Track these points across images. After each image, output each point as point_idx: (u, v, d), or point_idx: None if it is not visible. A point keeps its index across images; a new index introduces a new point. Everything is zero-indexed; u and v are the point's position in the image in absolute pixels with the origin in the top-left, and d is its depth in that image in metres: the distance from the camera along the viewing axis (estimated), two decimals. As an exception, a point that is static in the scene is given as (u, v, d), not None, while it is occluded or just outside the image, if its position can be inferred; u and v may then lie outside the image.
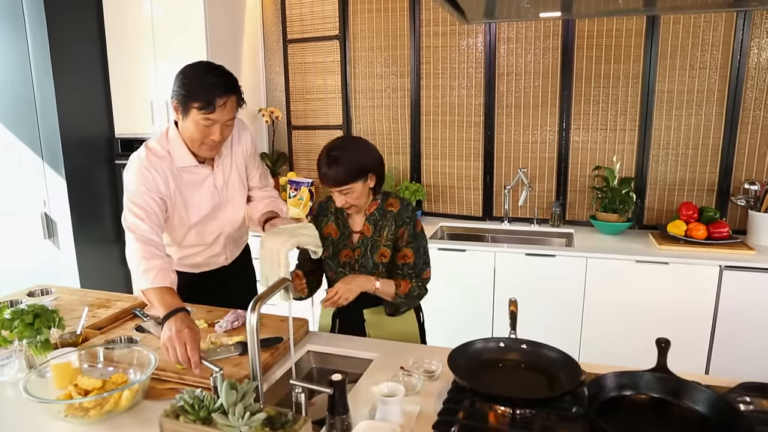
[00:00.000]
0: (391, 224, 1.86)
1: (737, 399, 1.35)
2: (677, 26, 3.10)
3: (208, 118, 1.70)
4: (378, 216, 1.87)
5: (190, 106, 1.70)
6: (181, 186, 1.87)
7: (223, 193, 1.98)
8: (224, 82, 1.71)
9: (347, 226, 1.91)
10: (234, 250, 2.17)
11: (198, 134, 1.75)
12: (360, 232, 1.90)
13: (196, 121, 1.72)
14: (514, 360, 1.54)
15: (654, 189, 3.33)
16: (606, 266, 2.91)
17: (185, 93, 1.70)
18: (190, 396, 1.21)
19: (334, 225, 1.92)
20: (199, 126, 1.73)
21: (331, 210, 1.93)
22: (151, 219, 1.76)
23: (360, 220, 1.90)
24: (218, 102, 1.68)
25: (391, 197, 1.90)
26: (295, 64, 3.87)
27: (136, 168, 1.79)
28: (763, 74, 3.04)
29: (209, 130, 1.73)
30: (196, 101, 1.69)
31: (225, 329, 1.78)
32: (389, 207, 1.88)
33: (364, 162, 1.76)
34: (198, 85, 1.69)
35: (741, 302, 2.74)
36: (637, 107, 3.26)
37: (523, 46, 3.39)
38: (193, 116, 1.72)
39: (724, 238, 2.94)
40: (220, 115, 1.71)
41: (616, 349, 2.90)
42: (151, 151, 1.82)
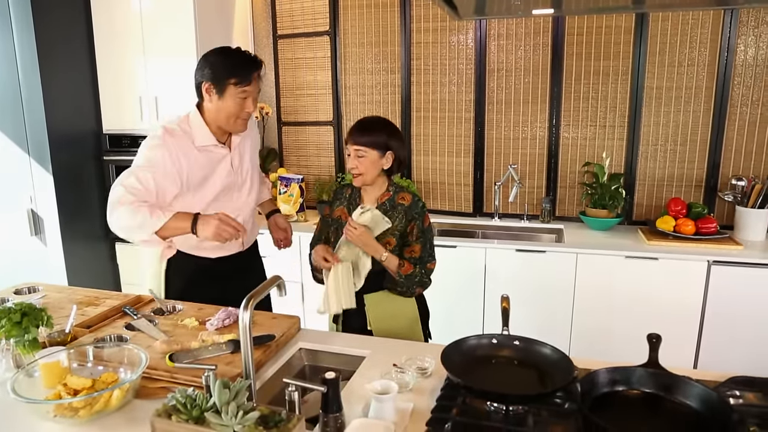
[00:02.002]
0: (401, 216, 1.95)
1: (727, 393, 1.37)
2: (665, 23, 3.12)
3: (244, 90, 1.89)
4: (388, 206, 1.96)
5: (227, 83, 1.88)
6: (199, 164, 1.97)
7: (239, 174, 2.10)
8: (252, 59, 1.94)
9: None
10: (250, 236, 2.24)
11: (235, 108, 1.91)
12: None
13: (233, 96, 1.89)
14: (507, 356, 1.54)
15: (643, 185, 3.35)
16: (596, 262, 2.93)
17: (223, 71, 1.88)
18: (183, 395, 1.20)
19: (345, 209, 2.02)
20: (236, 100, 1.90)
21: (345, 196, 2.04)
22: (140, 195, 1.84)
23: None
24: (253, 75, 1.91)
25: (404, 191, 1.99)
26: (286, 59, 3.85)
27: (149, 144, 1.91)
28: (749, 71, 3.07)
29: (245, 102, 1.91)
30: (234, 77, 1.87)
31: (216, 327, 1.76)
32: (400, 200, 1.97)
33: (391, 140, 1.90)
34: (233, 63, 1.90)
35: (729, 297, 2.77)
36: (626, 104, 3.28)
37: (513, 43, 3.39)
38: (230, 92, 1.89)
39: (712, 233, 2.96)
40: (254, 87, 1.92)
41: (607, 344, 2.92)
42: (168, 130, 1.93)
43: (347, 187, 2.06)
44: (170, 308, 1.95)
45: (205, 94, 1.93)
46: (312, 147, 3.94)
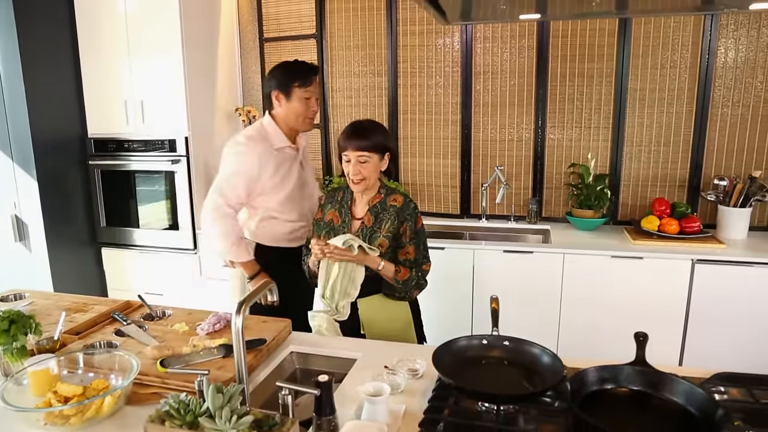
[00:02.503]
0: (393, 218, 1.96)
1: (712, 389, 1.40)
2: (648, 26, 3.17)
3: (307, 91, 2.19)
4: (380, 208, 1.97)
5: (293, 86, 2.18)
6: (278, 165, 2.25)
7: (306, 172, 2.40)
8: (310, 66, 2.24)
9: (348, 214, 2.00)
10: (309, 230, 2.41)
11: (302, 108, 2.21)
12: (361, 220, 1.98)
13: (299, 97, 2.19)
14: (497, 357, 1.56)
15: (628, 185, 3.40)
16: (582, 261, 2.96)
17: (287, 77, 2.19)
18: (176, 400, 1.20)
19: (336, 212, 2.02)
20: (302, 101, 2.20)
21: (337, 198, 2.05)
22: (232, 200, 2.21)
23: (362, 209, 1.99)
24: (313, 78, 2.20)
25: (395, 193, 2.01)
26: (272, 62, 3.84)
27: (234, 152, 2.21)
28: (730, 73, 3.13)
29: (309, 102, 2.21)
30: (297, 81, 2.18)
31: (207, 332, 1.76)
32: (392, 202, 1.98)
33: (388, 141, 1.97)
34: (294, 70, 2.21)
35: (712, 294, 2.82)
36: (611, 105, 3.32)
37: (499, 46, 3.42)
38: (295, 95, 2.19)
39: (696, 232, 3.01)
40: (315, 88, 2.22)
41: (594, 343, 2.95)
42: (250, 137, 2.22)
43: (339, 190, 2.07)
44: (160, 313, 1.95)
45: (275, 101, 2.23)
46: (299, 150, 3.94)
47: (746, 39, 3.08)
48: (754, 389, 1.43)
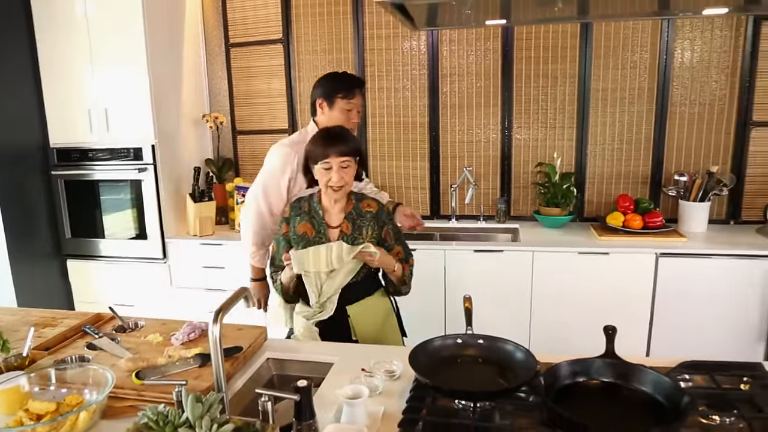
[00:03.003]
0: (372, 224, 1.97)
1: (678, 378, 1.45)
2: (608, 28, 3.26)
3: (349, 103, 2.25)
4: (356, 215, 1.97)
5: (336, 96, 2.24)
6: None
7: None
8: (356, 79, 2.32)
9: (323, 224, 1.96)
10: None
11: (342, 118, 2.25)
12: (338, 228, 1.96)
13: (341, 108, 2.25)
14: (472, 355, 1.59)
15: (593, 183, 3.49)
16: (551, 259, 3.03)
17: (332, 87, 2.26)
18: (154, 412, 1.19)
19: (308, 224, 1.96)
20: (343, 111, 2.25)
21: (304, 209, 1.99)
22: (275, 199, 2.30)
23: (337, 218, 1.97)
24: (356, 91, 2.27)
25: (366, 199, 2.01)
26: (239, 68, 3.82)
27: (278, 151, 2.30)
28: (687, 73, 3.24)
29: (350, 114, 2.27)
30: (341, 92, 2.24)
31: (182, 342, 1.75)
32: (367, 208, 1.99)
33: (358, 146, 1.98)
34: (340, 81, 2.28)
35: (676, 286, 2.92)
36: (575, 105, 3.40)
37: (464, 48, 3.47)
38: (338, 105, 2.25)
39: (659, 227, 3.11)
40: (357, 100, 2.28)
41: (565, 337, 3.01)
42: (293, 140, 2.32)
43: (302, 200, 2.02)
44: (132, 325, 1.92)
45: (318, 109, 2.30)
46: (268, 155, 3.93)
47: (701, 40, 3.19)
48: (717, 375, 1.49)
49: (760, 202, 3.29)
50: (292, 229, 1.98)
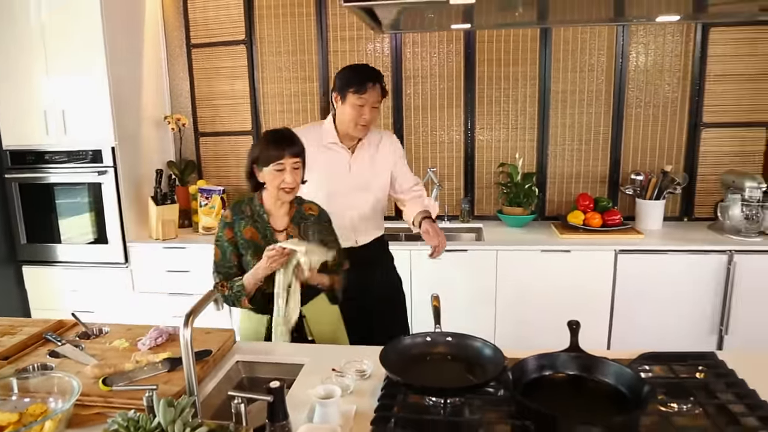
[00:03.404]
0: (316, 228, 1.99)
1: (639, 368, 1.51)
2: (567, 33, 3.35)
3: (361, 97, 2.15)
4: (299, 218, 1.99)
5: (348, 91, 2.17)
6: (323, 158, 2.26)
7: (357, 177, 2.32)
8: (370, 72, 2.20)
9: (268, 227, 1.96)
10: (365, 235, 2.39)
11: (353, 114, 2.19)
12: (284, 231, 1.96)
13: (352, 103, 2.17)
14: (441, 352, 1.62)
15: (553, 182, 3.58)
16: (514, 257, 3.09)
17: (344, 82, 2.18)
18: (124, 418, 1.17)
19: (253, 228, 1.94)
20: (354, 107, 2.17)
21: (246, 214, 1.96)
22: None
23: (282, 221, 1.97)
24: (368, 85, 2.15)
25: (306, 202, 2.04)
26: (200, 69, 3.77)
27: None
28: (641, 76, 3.36)
29: (362, 109, 2.17)
30: (352, 86, 2.16)
31: (149, 346, 1.72)
32: (309, 211, 2.03)
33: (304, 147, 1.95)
34: (352, 75, 2.20)
35: (634, 281, 3.02)
36: (535, 107, 3.48)
37: (427, 51, 3.52)
38: (349, 100, 2.17)
39: (617, 224, 3.21)
40: (370, 95, 2.16)
41: (529, 333, 3.09)
42: (305, 128, 2.28)
43: (244, 204, 1.98)
44: (96, 331, 1.88)
45: (333, 102, 2.26)
46: (231, 157, 3.89)
47: (654, 45, 3.32)
48: (674, 365, 1.56)
49: (711, 199, 3.44)
50: (237, 233, 1.94)
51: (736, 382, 1.47)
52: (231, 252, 1.95)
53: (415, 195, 2.45)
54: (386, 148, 2.39)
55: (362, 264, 2.29)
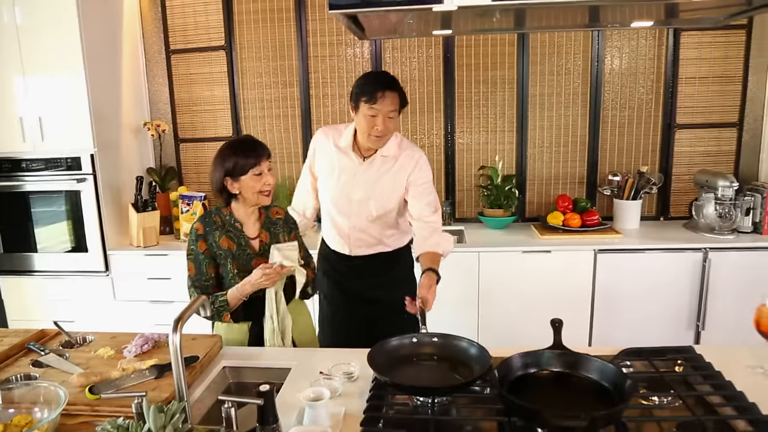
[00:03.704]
0: (285, 230, 2.05)
1: (621, 364, 1.55)
2: (544, 37, 3.42)
3: (372, 108, 2.03)
4: (269, 223, 2.02)
5: (360, 100, 2.05)
6: (334, 159, 2.22)
7: (358, 187, 2.20)
8: (382, 80, 2.07)
9: (242, 236, 1.96)
10: (360, 247, 2.29)
11: (366, 125, 2.07)
12: (257, 238, 1.99)
13: (364, 113, 2.06)
14: (427, 353, 1.64)
15: (533, 184, 3.63)
16: (496, 258, 3.13)
17: (357, 91, 2.07)
18: (113, 426, 1.17)
19: (227, 238, 1.94)
20: (366, 117, 2.06)
21: (217, 223, 1.95)
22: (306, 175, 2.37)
23: (254, 228, 1.99)
24: (378, 95, 2.01)
25: (272, 207, 2.06)
26: (180, 75, 3.75)
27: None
28: (617, 79, 3.44)
29: (374, 120, 2.05)
30: (364, 96, 2.04)
31: (135, 354, 1.71)
32: (276, 215, 2.06)
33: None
34: (364, 83, 2.07)
35: (613, 280, 3.08)
36: (514, 110, 3.54)
37: (407, 55, 3.55)
38: (361, 110, 2.06)
39: (596, 225, 3.28)
40: (381, 105, 2.03)
41: (512, 333, 3.13)
42: (325, 127, 2.31)
43: (213, 215, 1.97)
44: (80, 340, 1.87)
45: (351, 111, 2.16)
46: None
47: (628, 49, 3.40)
48: (654, 360, 1.60)
49: (686, 198, 3.53)
50: (213, 244, 1.93)
51: (713, 375, 1.52)
52: (207, 264, 1.93)
53: (424, 227, 2.17)
54: (403, 167, 2.18)
55: (351, 273, 2.31)
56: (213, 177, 1.94)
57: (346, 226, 2.26)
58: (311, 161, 2.32)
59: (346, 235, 2.28)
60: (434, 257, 2.11)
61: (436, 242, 2.14)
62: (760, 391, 1.42)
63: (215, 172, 1.92)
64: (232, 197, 1.95)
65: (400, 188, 2.20)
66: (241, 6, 3.60)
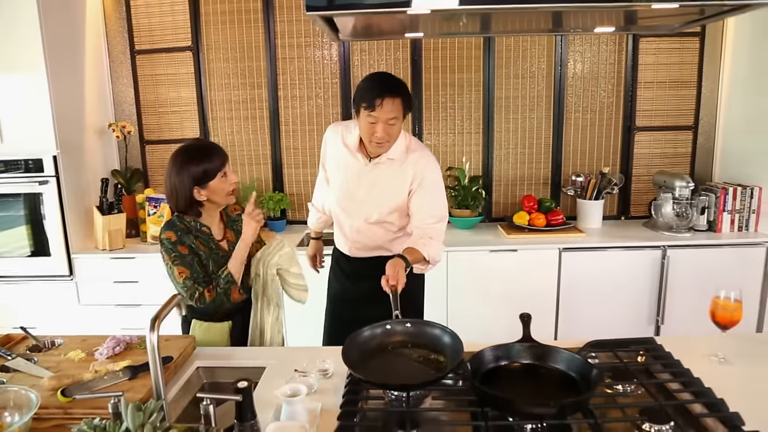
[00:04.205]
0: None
1: (586, 355, 1.61)
2: (509, 41, 3.50)
3: (371, 115, 1.96)
4: (231, 221, 2.06)
5: (360, 106, 1.99)
6: (339, 157, 2.20)
7: (360, 187, 2.16)
8: (381, 86, 1.96)
9: (211, 239, 1.98)
10: (359, 249, 2.26)
11: (366, 132, 2.02)
12: (224, 239, 2.02)
13: (364, 120, 1.99)
14: (401, 341, 1.63)
15: (499, 185, 3.71)
16: (464, 258, 3.19)
17: (357, 95, 2.01)
18: (90, 426, 1.17)
19: (199, 242, 1.95)
20: (366, 124, 1.99)
21: (184, 230, 1.93)
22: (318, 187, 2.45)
23: (219, 229, 2.02)
24: (376, 102, 1.93)
25: (229, 205, 2.06)
26: (145, 75, 3.70)
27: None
28: (579, 83, 3.55)
29: (374, 127, 1.98)
30: (363, 101, 1.97)
31: (107, 356, 1.70)
32: (234, 212, 2.11)
33: None
34: (364, 88, 1.99)
35: (577, 277, 3.18)
36: (480, 112, 3.61)
37: (375, 58, 3.58)
38: (362, 116, 2.00)
39: (560, 224, 3.37)
40: (380, 113, 1.95)
41: (480, 329, 3.17)
42: (336, 123, 2.28)
43: (178, 222, 1.94)
44: (49, 344, 1.83)
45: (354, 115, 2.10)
46: (179, 165, 3.82)
47: (590, 53, 3.51)
48: (618, 351, 1.67)
49: (645, 198, 3.66)
50: (192, 245, 1.92)
51: (672, 363, 1.60)
52: (196, 262, 1.92)
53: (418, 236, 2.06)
54: (408, 171, 2.10)
55: (352, 274, 2.31)
56: (178, 189, 1.89)
57: (347, 225, 2.23)
58: (323, 155, 2.30)
59: (347, 235, 2.26)
60: (414, 254, 1.97)
61: (424, 243, 2.02)
62: (715, 377, 1.50)
63: (181, 184, 1.87)
64: (200, 205, 1.94)
65: (402, 193, 2.11)
66: (208, 6, 3.58)
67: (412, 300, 2.26)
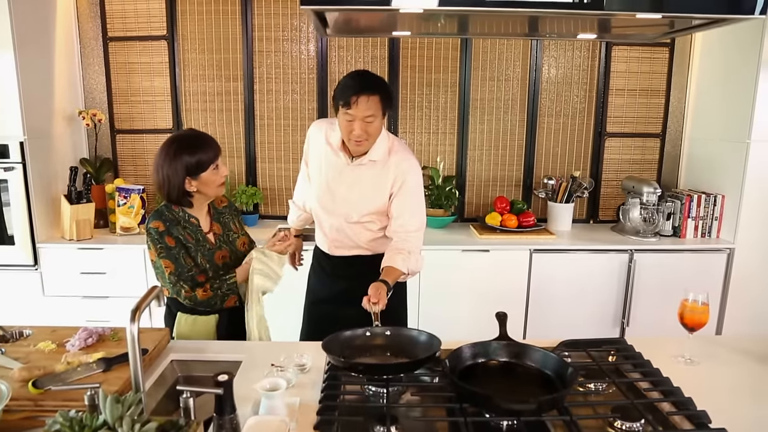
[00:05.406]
0: (233, 217, 2.12)
1: (560, 354, 1.65)
2: (486, 43, 3.55)
3: (347, 113, 1.94)
4: (217, 213, 2.05)
5: (338, 104, 1.97)
6: (321, 155, 2.17)
7: (340, 186, 2.14)
8: (358, 84, 1.94)
9: (199, 231, 1.96)
10: (338, 247, 2.24)
11: (344, 130, 2.00)
12: (211, 232, 2.01)
13: (342, 118, 1.97)
14: (380, 344, 1.67)
15: (472, 185, 3.76)
16: (437, 257, 3.21)
17: (335, 93, 1.99)
18: (66, 418, 1.14)
19: (188, 234, 1.94)
20: (344, 122, 1.97)
21: (173, 220, 1.92)
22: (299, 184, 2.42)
23: (206, 221, 2.01)
24: (352, 99, 1.91)
25: (216, 198, 2.06)
26: (118, 63, 3.62)
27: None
28: (553, 87, 3.62)
29: (351, 125, 1.95)
30: (340, 99, 1.95)
31: (79, 347, 1.66)
32: (221, 204, 2.11)
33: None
34: (341, 87, 1.97)
35: (547, 278, 3.25)
36: (455, 113, 3.65)
37: (353, 55, 3.58)
38: (340, 114, 1.98)
39: (531, 226, 3.43)
40: (356, 110, 1.92)
41: (452, 328, 3.19)
42: (321, 119, 2.30)
43: (166, 212, 1.94)
44: (17, 334, 1.78)
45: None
46: (150, 156, 3.75)
47: (564, 59, 3.59)
48: (590, 351, 1.72)
49: (614, 203, 3.76)
50: (180, 237, 1.91)
51: (643, 363, 1.66)
52: (184, 256, 1.90)
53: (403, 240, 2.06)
54: (389, 173, 2.08)
55: (332, 272, 2.29)
56: (170, 179, 1.87)
57: (327, 224, 2.21)
58: (306, 152, 2.27)
59: (327, 234, 2.24)
60: (394, 273, 1.97)
61: (403, 259, 2.00)
62: (683, 376, 1.57)
63: (174, 174, 1.86)
64: (190, 196, 1.93)
65: (383, 195, 2.09)
66: (185, -4, 3.52)
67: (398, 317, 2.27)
